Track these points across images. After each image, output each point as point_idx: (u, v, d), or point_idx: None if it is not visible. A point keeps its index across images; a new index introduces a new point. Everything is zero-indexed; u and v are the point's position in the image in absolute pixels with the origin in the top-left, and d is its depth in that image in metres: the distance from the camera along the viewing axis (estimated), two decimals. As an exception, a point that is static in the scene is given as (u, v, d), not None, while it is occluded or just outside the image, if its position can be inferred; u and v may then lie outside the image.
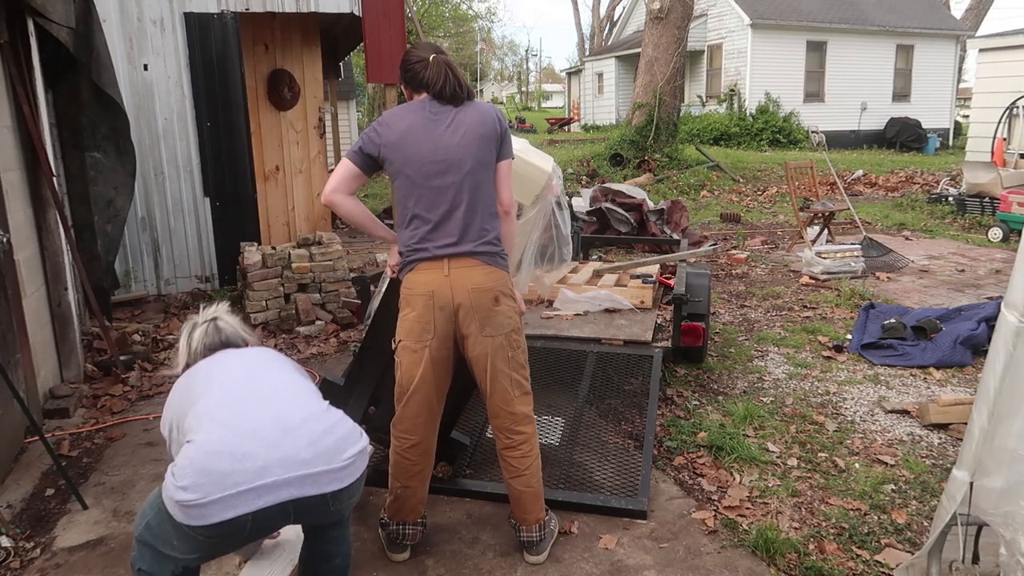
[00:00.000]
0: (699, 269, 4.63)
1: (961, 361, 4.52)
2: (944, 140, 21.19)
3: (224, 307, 2.32)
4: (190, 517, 1.71)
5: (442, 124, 2.44)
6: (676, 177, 12.98)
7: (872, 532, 2.79)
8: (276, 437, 1.82)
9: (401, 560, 2.65)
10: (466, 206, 2.41)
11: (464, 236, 2.41)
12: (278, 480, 1.77)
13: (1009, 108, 10.64)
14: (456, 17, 41.72)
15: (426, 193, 2.41)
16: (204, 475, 1.71)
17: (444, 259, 2.41)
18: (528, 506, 2.58)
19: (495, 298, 2.43)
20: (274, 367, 2.13)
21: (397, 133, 2.43)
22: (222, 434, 1.80)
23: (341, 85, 13.77)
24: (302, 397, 2.00)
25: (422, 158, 2.40)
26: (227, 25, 5.81)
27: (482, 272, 2.42)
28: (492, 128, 2.48)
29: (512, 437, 2.55)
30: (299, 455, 1.81)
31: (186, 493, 1.69)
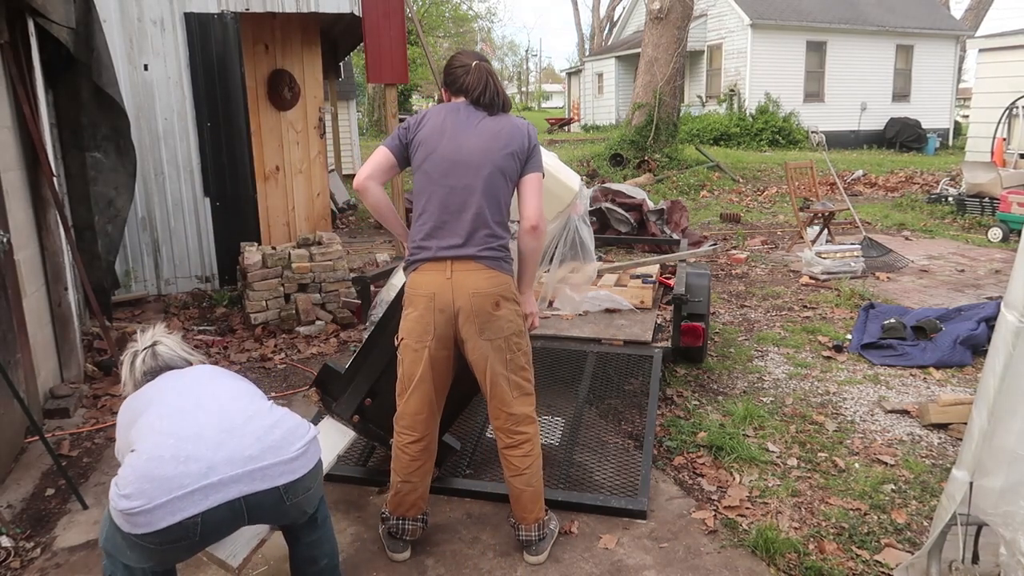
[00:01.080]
0: (699, 269, 4.63)
1: (961, 361, 4.52)
2: (944, 140, 21.19)
3: (162, 330, 2.31)
4: (136, 525, 1.68)
5: (470, 128, 2.47)
6: (676, 177, 12.99)
7: (872, 532, 2.79)
8: (220, 438, 1.81)
9: (401, 559, 2.65)
10: (476, 210, 2.41)
11: (470, 239, 2.41)
12: (224, 478, 1.74)
13: (1009, 108, 10.64)
14: (456, 17, 41.72)
15: (439, 191, 2.44)
16: (147, 481, 1.68)
17: (447, 261, 2.42)
18: (528, 505, 2.59)
19: (496, 303, 2.44)
20: (216, 378, 2.13)
21: (427, 129, 2.48)
22: (163, 440, 1.78)
23: (341, 85, 13.77)
24: (244, 399, 1.99)
25: (442, 156, 2.44)
26: (227, 25, 5.81)
27: (484, 276, 2.43)
28: (520, 142, 2.49)
29: (513, 437, 2.56)
30: (244, 451, 1.80)
31: (129, 501, 1.67)
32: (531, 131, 2.56)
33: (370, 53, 6.37)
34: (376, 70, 6.45)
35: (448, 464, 3.18)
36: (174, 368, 2.22)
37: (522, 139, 2.50)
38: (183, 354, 2.29)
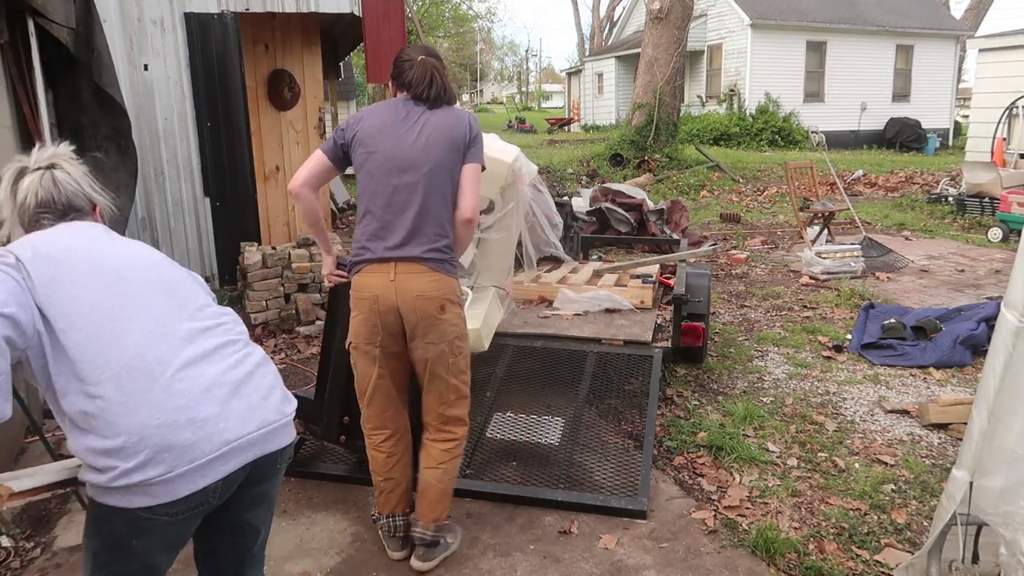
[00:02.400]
0: (699, 269, 4.63)
1: (961, 361, 4.52)
2: (944, 140, 21.19)
3: (67, 151, 1.77)
4: (155, 496, 1.48)
5: (410, 124, 2.44)
6: (676, 177, 12.99)
7: (872, 532, 2.79)
8: (225, 392, 1.59)
9: (400, 557, 2.66)
10: (419, 208, 2.39)
11: (413, 238, 2.38)
12: (243, 441, 1.58)
13: (1009, 108, 10.64)
14: (456, 17, 41.73)
15: (382, 190, 2.41)
16: (164, 450, 1.48)
17: (391, 262, 2.39)
18: (433, 502, 2.57)
19: (441, 306, 2.42)
20: (168, 278, 1.71)
21: (366, 128, 2.45)
22: (169, 400, 1.51)
23: (341, 85, 13.77)
24: (225, 325, 1.71)
25: (383, 155, 2.41)
26: (227, 25, 5.81)
27: (428, 279, 2.40)
28: (462, 132, 2.46)
29: (442, 432, 2.59)
30: (255, 411, 1.62)
31: (144, 471, 1.46)
32: (472, 121, 2.53)
33: (370, 53, 6.37)
34: (376, 70, 6.45)
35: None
36: (76, 210, 1.74)
37: (463, 129, 2.47)
38: (89, 191, 1.77)
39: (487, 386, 3.69)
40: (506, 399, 3.65)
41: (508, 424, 3.50)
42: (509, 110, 46.76)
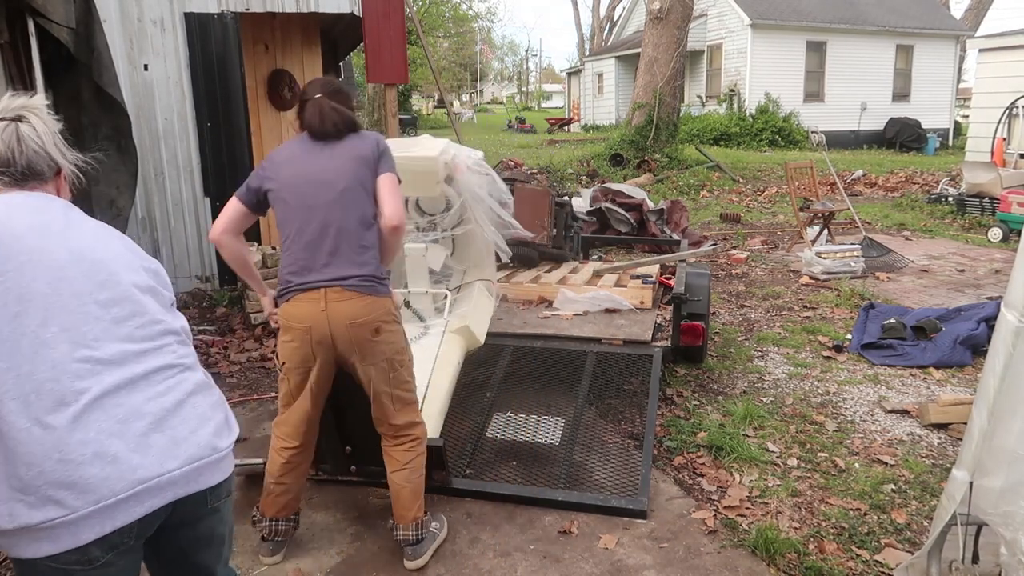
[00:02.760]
0: (699, 269, 4.63)
1: (961, 361, 4.52)
2: (944, 140, 21.19)
3: (41, 102, 1.55)
4: (57, 541, 1.30)
5: (319, 150, 2.49)
6: (676, 177, 12.98)
7: (872, 532, 2.79)
8: (146, 427, 1.40)
9: (273, 562, 2.65)
10: (338, 227, 2.39)
11: (337, 262, 2.39)
12: (162, 480, 1.39)
13: (1009, 108, 10.64)
14: (456, 17, 41.72)
15: (300, 214, 2.42)
16: (62, 488, 1.29)
17: (320, 290, 2.38)
18: (407, 502, 2.59)
19: (375, 329, 2.43)
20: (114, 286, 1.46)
21: (277, 164, 2.50)
22: (72, 432, 1.31)
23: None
24: (167, 347, 1.50)
25: (297, 181, 2.44)
26: (227, 25, 5.81)
27: (361, 304, 2.40)
28: (370, 149, 2.50)
29: (397, 438, 2.63)
30: (181, 446, 1.43)
31: (40, 511, 1.27)
32: (378, 138, 2.57)
33: (370, 53, 6.37)
34: (376, 70, 6.45)
35: (449, 465, 3.18)
36: (36, 175, 1.50)
37: (370, 147, 2.50)
38: (55, 154, 1.53)
39: (487, 386, 3.69)
40: (506, 399, 3.65)
41: (508, 424, 3.50)
42: (509, 110, 46.76)
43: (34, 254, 1.38)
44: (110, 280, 1.45)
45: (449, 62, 46.19)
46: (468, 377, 3.80)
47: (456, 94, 56.17)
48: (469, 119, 40.38)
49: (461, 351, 3.49)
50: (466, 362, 3.63)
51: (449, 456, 3.24)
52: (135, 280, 1.49)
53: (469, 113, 44.29)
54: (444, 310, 3.56)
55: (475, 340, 3.58)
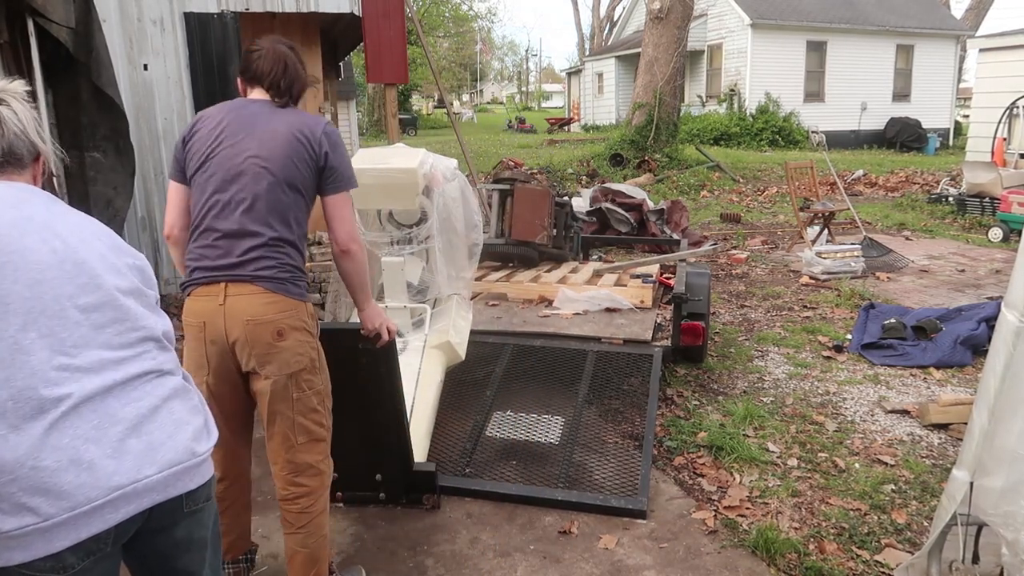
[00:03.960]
0: (699, 269, 4.63)
1: (961, 361, 4.52)
2: (944, 140, 21.19)
3: (20, 87, 1.49)
4: (28, 548, 1.26)
5: (250, 131, 2.14)
6: (676, 177, 12.98)
7: (872, 532, 2.79)
8: (123, 432, 1.37)
9: None
10: (256, 226, 2.10)
11: (248, 258, 2.08)
12: (139, 486, 1.35)
13: (1009, 108, 10.63)
14: (456, 17, 41.75)
15: (212, 204, 2.11)
16: (36, 493, 1.26)
17: (221, 283, 2.08)
18: (299, 569, 2.24)
19: (277, 332, 2.09)
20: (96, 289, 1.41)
21: (200, 136, 2.17)
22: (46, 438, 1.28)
23: (341, 85, 13.76)
24: (146, 354, 1.46)
25: (218, 165, 2.12)
26: (227, 25, 5.80)
27: (263, 301, 2.08)
28: (312, 149, 2.16)
29: (290, 489, 2.23)
30: (158, 451, 1.40)
31: (12, 518, 1.25)
32: (329, 137, 2.19)
33: (370, 53, 6.37)
34: (376, 70, 6.45)
35: (448, 464, 3.18)
36: (16, 159, 1.45)
37: (315, 146, 2.16)
38: (35, 137, 1.48)
39: (487, 385, 3.69)
40: (506, 398, 3.65)
41: (508, 423, 3.49)
42: (509, 110, 46.77)
43: (14, 255, 1.32)
44: (91, 283, 1.39)
45: (449, 62, 46.20)
46: (468, 376, 3.80)
47: (456, 94, 56.17)
48: (469, 119, 40.39)
49: (443, 367, 3.43)
50: (466, 361, 3.63)
51: (449, 455, 3.24)
52: (118, 283, 1.44)
53: (469, 113, 44.31)
54: (424, 325, 3.46)
55: (456, 355, 3.50)
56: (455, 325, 3.55)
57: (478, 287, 4.67)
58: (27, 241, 1.35)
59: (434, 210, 3.48)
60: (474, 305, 4.15)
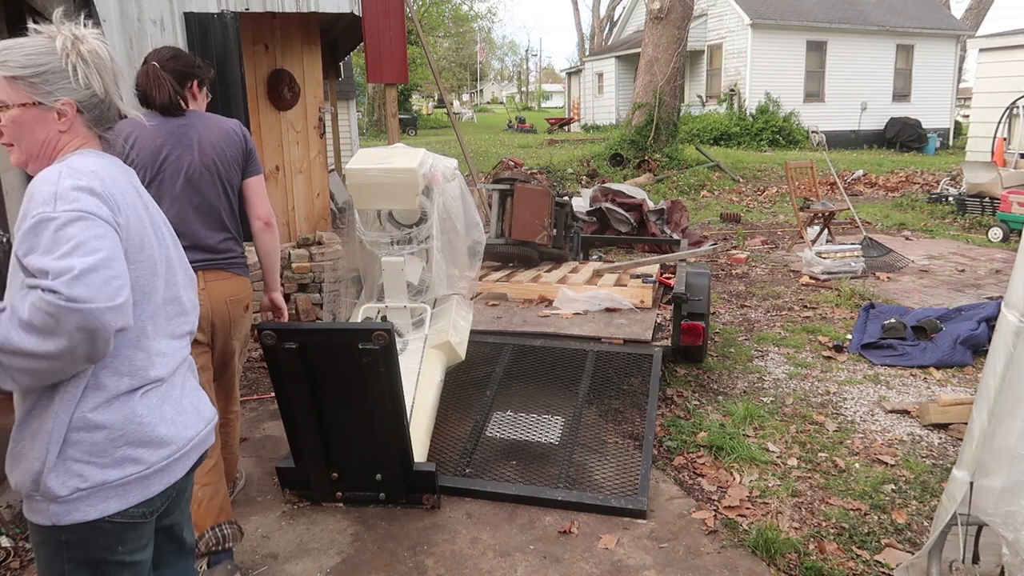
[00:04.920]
0: (699, 269, 4.63)
1: (961, 361, 4.52)
2: (944, 140, 21.19)
3: (98, 36, 1.45)
4: (154, 483, 1.42)
5: (181, 142, 2.50)
6: (676, 177, 12.98)
7: (872, 532, 2.79)
8: (180, 394, 1.56)
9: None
10: (213, 222, 2.55)
11: (214, 249, 2.55)
12: (197, 440, 1.55)
13: (1009, 108, 10.64)
14: (456, 17, 41.75)
15: (175, 210, 2.46)
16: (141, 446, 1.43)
17: (199, 272, 2.42)
18: (232, 466, 2.95)
19: (246, 306, 2.66)
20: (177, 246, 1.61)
21: (144, 154, 2.48)
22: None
23: (341, 85, 13.76)
24: None
25: (171, 177, 2.50)
26: (227, 25, 5.80)
27: (236, 284, 2.61)
28: (237, 147, 2.61)
29: (228, 417, 2.85)
30: (203, 412, 1.60)
31: (161, 449, 1.43)
32: (245, 135, 2.65)
33: (370, 53, 6.37)
34: (376, 70, 6.45)
35: (448, 464, 3.18)
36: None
37: (239, 143, 2.61)
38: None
39: (487, 385, 3.69)
40: (506, 398, 3.65)
41: (508, 423, 3.49)
42: (509, 110, 46.76)
43: (144, 231, 1.44)
44: (171, 277, 1.54)
45: (449, 62, 46.20)
46: (468, 376, 3.80)
47: (456, 94, 56.17)
48: (469, 119, 40.39)
49: (442, 367, 3.43)
50: (466, 361, 3.63)
51: (449, 456, 3.24)
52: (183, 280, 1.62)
53: (469, 113, 44.31)
54: (424, 325, 3.46)
55: (456, 356, 3.50)
56: (455, 325, 3.54)
57: (478, 287, 4.67)
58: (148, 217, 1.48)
59: (434, 210, 3.48)
60: (474, 305, 4.16)
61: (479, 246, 3.74)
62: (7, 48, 1.39)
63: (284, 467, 2.99)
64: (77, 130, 1.40)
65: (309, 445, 2.83)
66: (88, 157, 1.37)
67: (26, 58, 1.37)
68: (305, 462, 2.89)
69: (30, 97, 1.35)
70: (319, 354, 2.67)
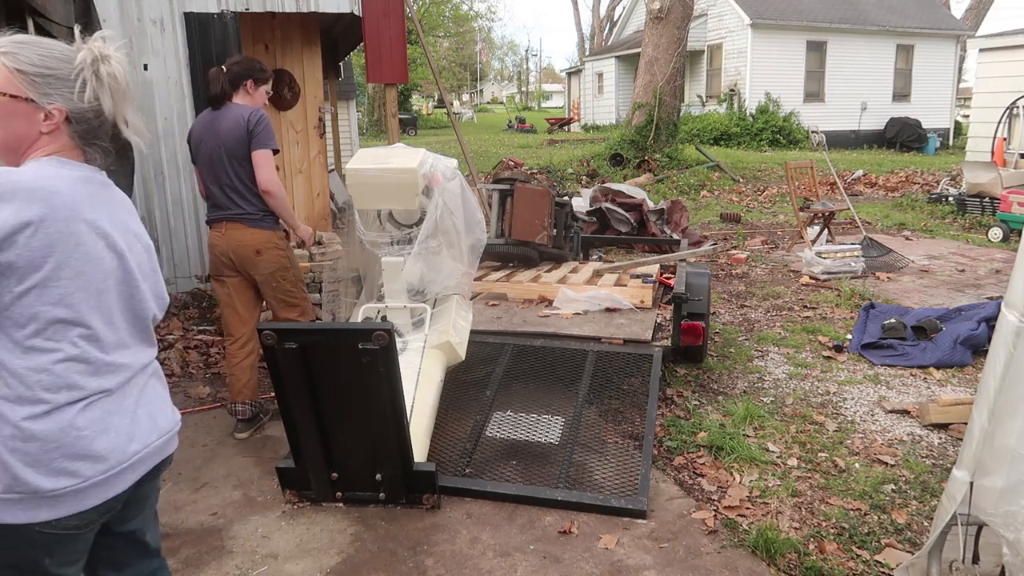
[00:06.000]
0: (699, 269, 4.63)
1: (961, 361, 4.52)
2: (944, 140, 21.19)
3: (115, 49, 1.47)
4: (86, 499, 1.41)
5: (210, 131, 3.44)
6: (676, 177, 12.98)
7: (872, 532, 2.79)
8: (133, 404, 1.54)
9: (243, 438, 3.69)
10: (227, 184, 3.43)
11: (230, 206, 3.45)
12: (150, 450, 1.53)
13: (1009, 108, 10.64)
14: (456, 17, 41.75)
15: (208, 177, 3.48)
16: (78, 459, 1.41)
17: (222, 223, 3.49)
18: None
19: (256, 251, 3.49)
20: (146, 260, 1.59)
21: (193, 140, 3.57)
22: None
23: (341, 85, 13.75)
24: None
25: (203, 156, 3.48)
26: (227, 25, 5.80)
27: (245, 233, 3.47)
28: (240, 131, 3.36)
29: (282, 319, 3.64)
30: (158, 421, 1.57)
31: (93, 464, 1.41)
32: (251, 118, 3.36)
33: (370, 53, 6.36)
34: (376, 70, 6.45)
35: (448, 464, 3.18)
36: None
37: (241, 128, 3.36)
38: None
39: (487, 385, 3.69)
40: (506, 398, 3.65)
41: (508, 423, 3.49)
42: (509, 110, 46.76)
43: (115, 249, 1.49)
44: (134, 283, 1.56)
45: (449, 62, 46.20)
46: (468, 376, 3.80)
47: (456, 94, 56.17)
48: (469, 119, 40.39)
49: (442, 367, 3.43)
50: (466, 361, 3.63)
51: (449, 455, 3.24)
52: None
53: (469, 113, 44.31)
54: (424, 325, 3.46)
55: (456, 355, 3.50)
56: (455, 325, 3.54)
57: (478, 287, 4.67)
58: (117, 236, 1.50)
59: (434, 210, 3.47)
60: (474, 305, 4.16)
61: (478, 246, 3.74)
62: (26, 43, 1.41)
63: (284, 467, 2.99)
64: (59, 137, 1.43)
65: (309, 445, 2.83)
66: (46, 166, 1.40)
67: (39, 58, 1.40)
68: (305, 462, 2.89)
69: (25, 92, 1.38)
70: (319, 354, 2.67)
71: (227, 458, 3.51)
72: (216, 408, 4.10)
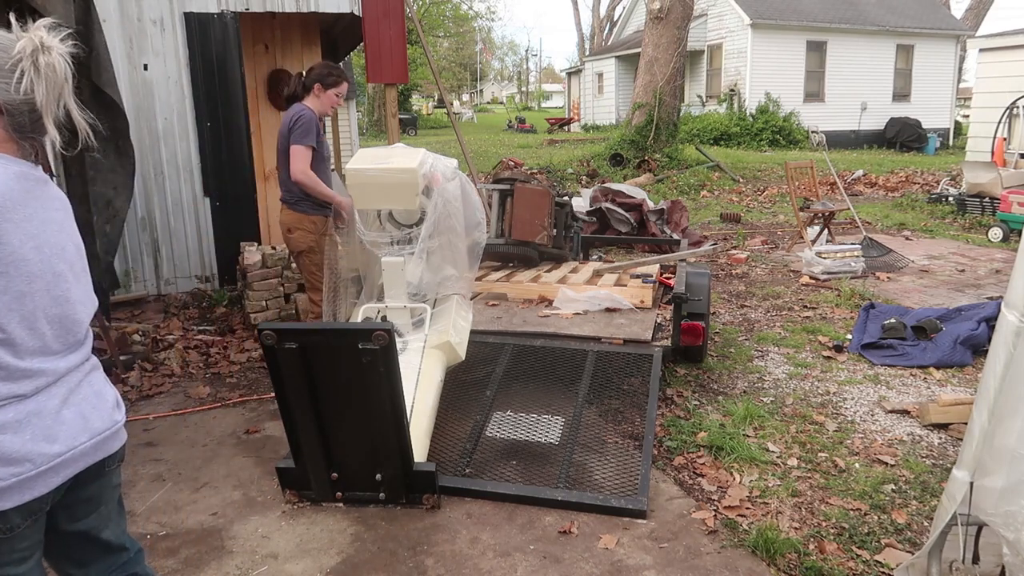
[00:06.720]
0: (699, 269, 4.63)
1: (961, 361, 4.52)
2: (944, 140, 21.19)
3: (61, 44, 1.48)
4: (25, 491, 1.40)
5: (280, 126, 4.10)
6: (676, 177, 12.98)
7: (872, 532, 2.79)
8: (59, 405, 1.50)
9: None
10: (281, 172, 4.13)
11: (282, 190, 4.17)
12: (87, 447, 1.51)
13: (1009, 108, 10.64)
14: (456, 17, 41.76)
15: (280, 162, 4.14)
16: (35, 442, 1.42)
17: (283, 204, 4.18)
18: None
19: (288, 229, 4.14)
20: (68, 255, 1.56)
21: None
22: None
23: (341, 85, 13.74)
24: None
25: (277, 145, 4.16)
26: (227, 25, 5.80)
27: (284, 213, 4.14)
28: (285, 127, 4.00)
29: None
30: (91, 422, 1.54)
31: (16, 466, 1.39)
32: (291, 117, 3.96)
33: (370, 53, 6.36)
34: (376, 70, 6.44)
35: (448, 464, 3.18)
36: None
37: (285, 126, 3.99)
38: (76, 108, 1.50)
39: (487, 385, 3.69)
40: (506, 398, 3.65)
41: (508, 423, 3.49)
42: (509, 110, 46.76)
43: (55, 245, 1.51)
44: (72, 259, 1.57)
45: (449, 62, 46.20)
46: (468, 376, 3.80)
47: (456, 94, 56.16)
48: (469, 119, 40.39)
49: (442, 367, 3.43)
50: (466, 361, 3.63)
51: (449, 456, 3.24)
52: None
53: (469, 113, 44.31)
54: (424, 325, 3.45)
55: (456, 355, 3.50)
56: (455, 325, 3.54)
57: (478, 287, 4.67)
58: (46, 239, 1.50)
59: (433, 210, 3.47)
60: (474, 305, 4.16)
61: (478, 247, 3.74)
62: None
63: (284, 467, 2.99)
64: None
65: (309, 445, 2.82)
66: None
67: None
68: (305, 462, 2.89)
69: None
70: (319, 354, 2.67)
71: (227, 458, 3.51)
72: (216, 408, 4.10)
